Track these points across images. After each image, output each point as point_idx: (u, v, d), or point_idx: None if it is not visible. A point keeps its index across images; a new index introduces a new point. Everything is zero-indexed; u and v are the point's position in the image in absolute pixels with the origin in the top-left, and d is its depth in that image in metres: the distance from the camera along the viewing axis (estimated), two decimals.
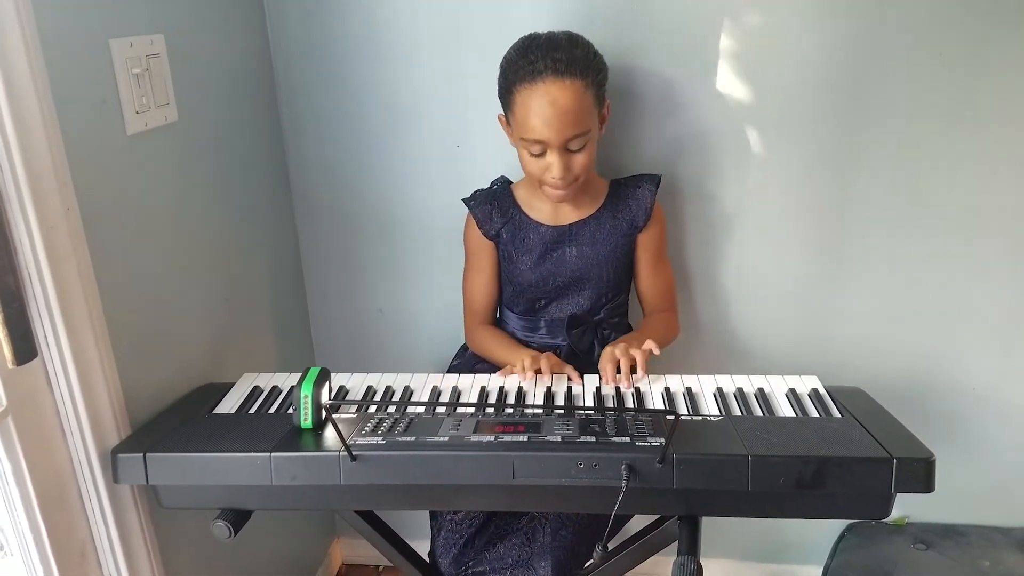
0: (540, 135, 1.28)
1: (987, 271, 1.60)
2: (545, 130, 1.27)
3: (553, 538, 1.32)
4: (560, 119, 1.26)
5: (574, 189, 1.37)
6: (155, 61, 1.20)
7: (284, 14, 1.57)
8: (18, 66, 0.93)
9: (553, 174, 1.31)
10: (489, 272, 1.53)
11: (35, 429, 1.04)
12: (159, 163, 1.24)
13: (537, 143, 1.29)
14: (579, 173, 1.34)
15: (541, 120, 1.26)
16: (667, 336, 1.52)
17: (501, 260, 1.52)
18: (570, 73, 1.25)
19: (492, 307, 1.57)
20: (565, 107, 1.26)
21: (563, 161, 1.30)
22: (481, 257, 1.52)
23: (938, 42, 1.43)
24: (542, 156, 1.32)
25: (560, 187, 1.34)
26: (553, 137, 1.28)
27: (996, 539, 1.78)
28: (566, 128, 1.27)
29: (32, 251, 0.98)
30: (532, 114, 1.27)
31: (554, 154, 1.30)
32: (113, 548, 1.16)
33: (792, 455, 1.02)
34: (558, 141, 1.28)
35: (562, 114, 1.26)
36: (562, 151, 1.30)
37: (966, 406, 1.73)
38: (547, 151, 1.30)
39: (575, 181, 1.35)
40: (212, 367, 1.40)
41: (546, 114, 1.26)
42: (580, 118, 1.28)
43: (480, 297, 1.55)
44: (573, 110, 1.26)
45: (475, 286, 1.55)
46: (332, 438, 1.08)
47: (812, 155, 1.55)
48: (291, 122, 1.66)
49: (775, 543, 1.94)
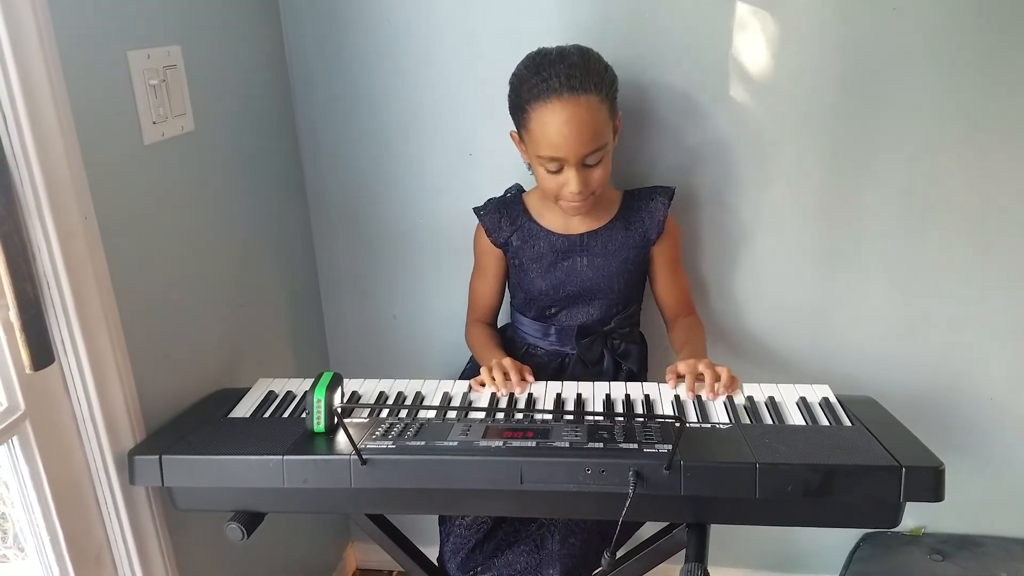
0: (558, 153, 1.27)
1: (1004, 278, 1.59)
2: (563, 148, 1.27)
3: (562, 545, 1.32)
4: (577, 136, 1.26)
5: (591, 202, 1.37)
6: (172, 72, 1.22)
7: (300, 25, 1.60)
8: (37, 77, 0.95)
9: (571, 189, 1.31)
10: (493, 278, 1.55)
11: (52, 432, 1.06)
12: (176, 172, 1.26)
13: (554, 160, 1.29)
14: (596, 187, 1.33)
15: (559, 138, 1.26)
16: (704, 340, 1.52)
17: (511, 267, 1.53)
18: (585, 89, 1.25)
19: (491, 311, 1.59)
20: (582, 124, 1.25)
21: (581, 177, 1.30)
22: (487, 264, 1.54)
23: (953, 49, 1.43)
24: (559, 172, 1.31)
25: (578, 201, 1.34)
26: (571, 154, 1.27)
27: (1013, 550, 1.76)
28: (584, 145, 1.27)
29: (50, 258, 1.00)
30: (549, 132, 1.26)
31: (571, 171, 1.29)
32: (128, 550, 1.18)
33: (800, 463, 1.02)
34: (576, 158, 1.28)
35: (579, 131, 1.25)
36: (579, 167, 1.29)
37: (983, 415, 1.71)
38: (564, 168, 1.30)
39: (592, 195, 1.35)
40: (227, 372, 1.42)
41: (563, 132, 1.25)
42: (597, 133, 1.27)
43: (480, 300, 1.57)
44: (590, 126, 1.26)
45: (477, 289, 1.57)
46: (343, 442, 1.09)
47: (827, 163, 1.54)
48: (307, 131, 1.68)
49: (789, 553, 1.93)
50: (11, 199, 0.94)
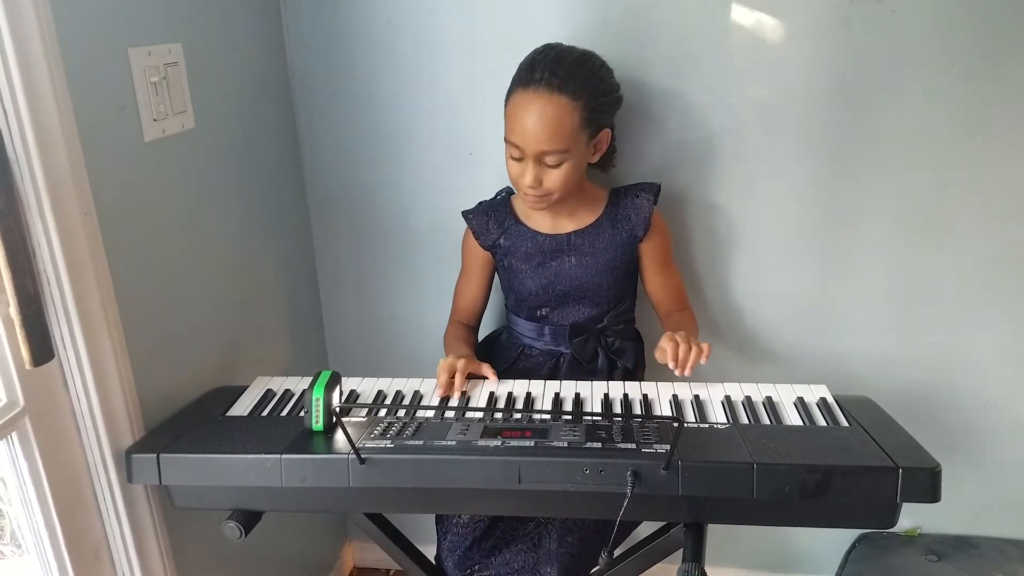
0: (516, 140, 1.30)
1: (1001, 280, 1.59)
2: (520, 136, 1.29)
3: (559, 544, 1.32)
4: (537, 131, 1.27)
5: (547, 202, 1.37)
6: (173, 69, 1.22)
7: (301, 23, 1.60)
8: (38, 74, 0.95)
9: (524, 181, 1.33)
10: (477, 281, 1.56)
11: (51, 429, 1.06)
12: (176, 169, 1.26)
13: (515, 147, 1.32)
14: (552, 189, 1.33)
15: (520, 125, 1.29)
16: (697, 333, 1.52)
17: (501, 270, 1.53)
18: (562, 90, 1.26)
19: (472, 313, 1.59)
20: (545, 121, 1.27)
21: (535, 172, 1.31)
22: (472, 266, 1.55)
23: (951, 52, 1.43)
24: (520, 161, 1.33)
25: (532, 196, 1.35)
26: (527, 146, 1.29)
27: (1009, 551, 1.76)
28: (540, 141, 1.28)
29: (50, 255, 1.00)
30: (515, 118, 1.30)
31: (528, 162, 1.31)
32: (127, 547, 1.18)
33: (797, 463, 1.02)
34: (532, 151, 1.30)
35: (540, 126, 1.27)
36: (536, 162, 1.31)
37: (980, 417, 1.72)
38: (523, 158, 1.32)
39: (547, 195, 1.35)
40: (226, 370, 1.42)
41: (525, 122, 1.28)
42: (558, 135, 1.28)
43: (462, 301, 1.59)
44: (553, 126, 1.27)
45: (460, 289, 1.59)
46: (342, 441, 1.09)
47: (822, 163, 1.55)
48: (307, 129, 1.68)
49: (785, 553, 1.94)
50: (12, 195, 0.95)
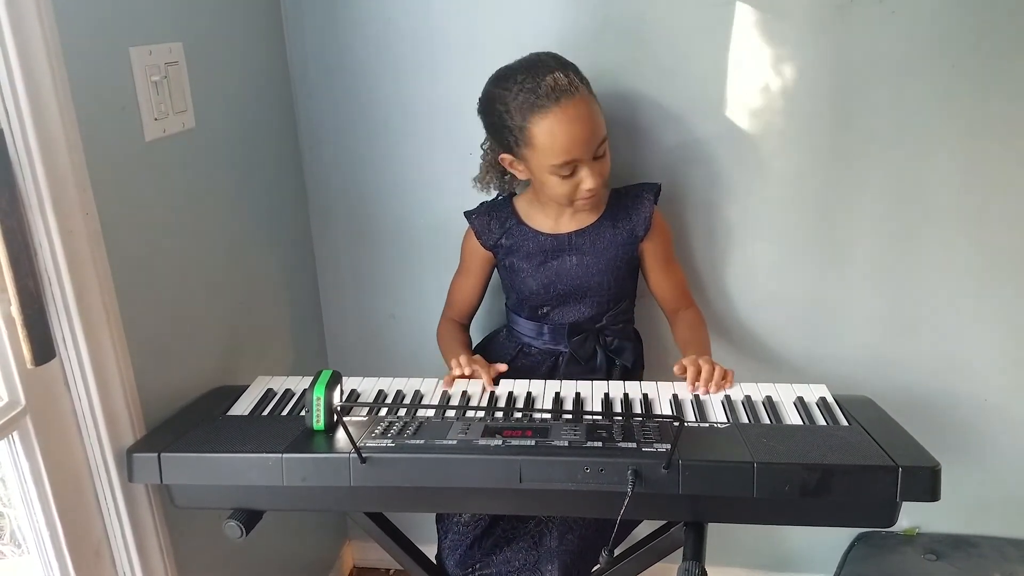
0: (571, 155, 1.30)
1: (999, 280, 1.59)
2: (576, 149, 1.29)
3: (560, 542, 1.33)
4: (587, 132, 1.29)
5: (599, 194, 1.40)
6: (174, 68, 1.22)
7: (302, 23, 1.60)
8: (40, 73, 0.95)
9: (588, 186, 1.33)
10: (475, 279, 1.56)
11: (52, 428, 1.06)
12: (177, 168, 1.26)
13: (567, 164, 1.31)
14: (607, 175, 1.37)
15: (570, 140, 1.28)
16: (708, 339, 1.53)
17: (502, 269, 1.54)
18: (575, 86, 1.28)
19: (466, 311, 1.60)
20: (587, 120, 1.29)
21: (595, 170, 1.33)
22: (471, 264, 1.56)
23: (951, 52, 1.44)
24: (572, 175, 1.33)
25: (595, 195, 1.36)
26: (585, 152, 1.30)
27: (1007, 551, 1.77)
28: (594, 138, 1.30)
29: (51, 254, 1.00)
30: (559, 138, 1.28)
31: (585, 168, 1.32)
32: (127, 547, 1.18)
33: (797, 462, 1.03)
34: (590, 154, 1.31)
35: (587, 127, 1.29)
36: (591, 161, 1.32)
37: (978, 416, 1.72)
38: (578, 168, 1.32)
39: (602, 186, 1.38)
40: (226, 370, 1.42)
41: (574, 133, 1.28)
42: (600, 124, 1.32)
43: (457, 296, 1.59)
44: (594, 119, 1.30)
45: (456, 286, 1.59)
46: (343, 440, 1.09)
47: (820, 163, 1.55)
48: (307, 129, 1.68)
49: (784, 552, 1.94)
50: (14, 195, 0.95)
